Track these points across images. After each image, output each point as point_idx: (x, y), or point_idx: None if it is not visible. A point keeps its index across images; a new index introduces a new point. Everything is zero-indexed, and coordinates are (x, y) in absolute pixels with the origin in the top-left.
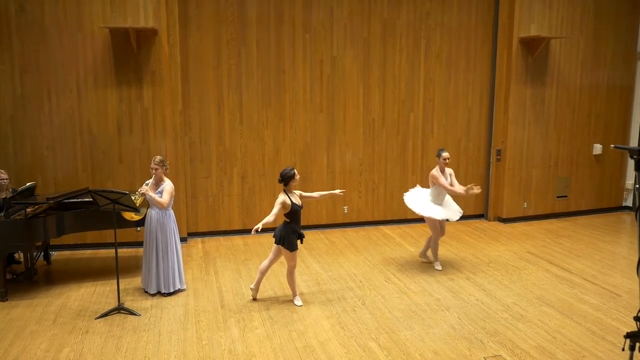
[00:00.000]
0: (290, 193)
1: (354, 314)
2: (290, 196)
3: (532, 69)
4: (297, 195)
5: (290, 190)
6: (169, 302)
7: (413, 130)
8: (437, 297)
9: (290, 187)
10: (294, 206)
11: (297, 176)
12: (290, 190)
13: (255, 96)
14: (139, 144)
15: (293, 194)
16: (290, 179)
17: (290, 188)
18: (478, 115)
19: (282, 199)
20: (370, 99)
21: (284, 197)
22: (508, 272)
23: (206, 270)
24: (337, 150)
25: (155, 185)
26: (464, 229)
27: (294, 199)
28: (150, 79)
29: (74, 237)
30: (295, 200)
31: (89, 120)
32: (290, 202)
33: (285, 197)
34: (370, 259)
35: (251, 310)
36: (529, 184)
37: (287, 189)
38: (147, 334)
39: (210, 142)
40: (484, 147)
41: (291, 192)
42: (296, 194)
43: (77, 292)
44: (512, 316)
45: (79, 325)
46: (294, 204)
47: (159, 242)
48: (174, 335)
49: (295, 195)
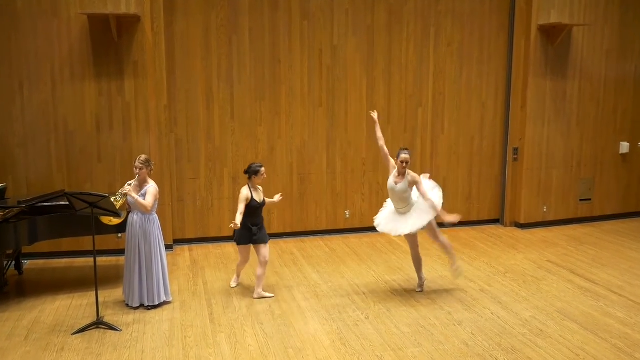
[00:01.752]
0: (253, 188)
1: (357, 329)
2: (253, 191)
3: (553, 59)
4: (261, 191)
5: (254, 186)
6: (152, 316)
7: (422, 127)
8: (448, 310)
9: (254, 183)
10: (252, 202)
11: (264, 175)
12: (254, 186)
13: (248, 89)
14: (119, 141)
15: (257, 190)
16: (255, 173)
17: (254, 183)
18: (493, 111)
19: (244, 194)
20: (375, 93)
21: (247, 192)
22: (526, 282)
23: (194, 281)
24: (338, 149)
25: (138, 187)
26: (478, 236)
27: (255, 195)
28: (132, 70)
29: (48, 244)
30: (256, 196)
31: (64, 116)
32: (250, 197)
33: (247, 192)
34: (374, 269)
35: (243, 325)
36: (549, 186)
37: (251, 183)
38: (128, 352)
39: (198, 140)
40: (500, 145)
41: (255, 187)
42: (260, 190)
43: (52, 305)
44: (530, 331)
45: (53, 341)
46: (253, 199)
47: (142, 250)
48: (158, 353)
49: (258, 192)
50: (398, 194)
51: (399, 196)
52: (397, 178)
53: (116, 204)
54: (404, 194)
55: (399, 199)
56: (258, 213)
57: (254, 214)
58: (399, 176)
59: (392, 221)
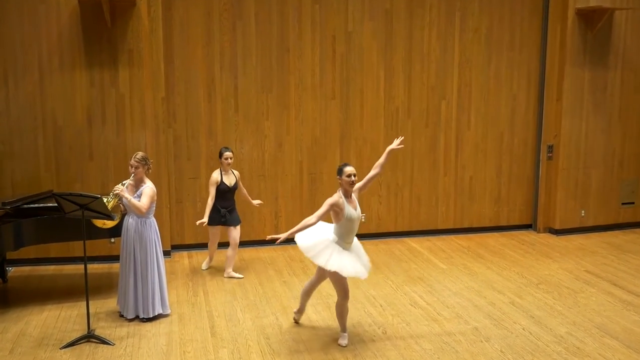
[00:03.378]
0: (224, 172)
1: (373, 346)
2: (223, 174)
3: (592, 47)
4: (236, 176)
5: (224, 169)
6: (148, 330)
7: (445, 122)
8: (475, 325)
9: (224, 166)
10: (221, 185)
11: (227, 160)
12: (224, 169)
13: (254, 80)
14: (113, 137)
15: (228, 173)
16: (219, 155)
17: (224, 167)
18: (525, 104)
19: (214, 177)
20: (393, 84)
21: (217, 176)
22: (561, 295)
23: (194, 291)
24: (353, 146)
25: (134, 187)
26: (508, 243)
27: (225, 178)
28: (126, 59)
29: (35, 249)
30: (226, 179)
31: (53, 109)
32: (219, 180)
33: (217, 176)
34: (392, 278)
35: (248, 340)
36: (587, 188)
37: (222, 167)
38: None
39: (199, 136)
40: (532, 142)
41: (226, 171)
42: (234, 174)
43: (39, 317)
44: (566, 349)
45: (40, 356)
46: (223, 182)
47: (138, 256)
48: None
49: (230, 175)
50: (357, 221)
51: (357, 225)
52: (351, 202)
53: (108, 205)
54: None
55: (356, 229)
56: (228, 196)
57: (223, 197)
58: (350, 198)
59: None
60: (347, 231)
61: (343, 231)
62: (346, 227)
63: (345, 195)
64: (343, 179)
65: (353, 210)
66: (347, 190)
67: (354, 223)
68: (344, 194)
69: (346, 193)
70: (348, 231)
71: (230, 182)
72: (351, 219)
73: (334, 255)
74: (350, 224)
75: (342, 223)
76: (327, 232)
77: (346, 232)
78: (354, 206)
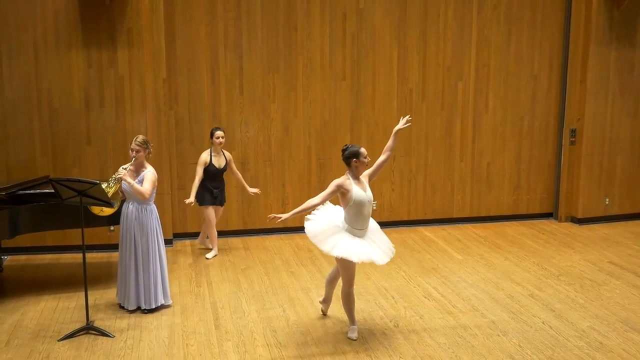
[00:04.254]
0: (214, 152)
1: (385, 339)
2: (213, 155)
3: (618, 24)
4: (226, 157)
5: (216, 150)
6: (150, 322)
7: (462, 105)
8: (492, 318)
9: (216, 147)
10: (210, 166)
11: (220, 138)
12: (216, 150)
13: (260, 60)
14: (111, 120)
15: (219, 154)
16: (210, 135)
17: (215, 147)
18: (547, 86)
19: (203, 158)
20: (407, 65)
21: (206, 156)
22: (584, 287)
23: (197, 282)
24: (364, 130)
25: (134, 172)
26: (527, 232)
27: (215, 160)
28: (126, 38)
29: (31, 237)
30: (215, 161)
31: (49, 91)
32: (208, 162)
33: (206, 156)
34: (405, 269)
35: (253, 332)
36: (612, 175)
37: (213, 147)
38: None
39: (202, 119)
40: (554, 126)
41: (217, 152)
42: (224, 156)
43: (36, 307)
44: (588, 344)
45: (38, 348)
46: (211, 164)
47: (138, 245)
48: None
49: (220, 157)
50: (369, 205)
51: (369, 209)
52: (360, 184)
53: (108, 191)
54: (371, 204)
55: (368, 213)
56: (217, 177)
57: (213, 178)
58: (359, 181)
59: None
60: (356, 216)
61: (352, 216)
62: (355, 211)
63: (354, 178)
64: (361, 160)
65: (362, 192)
66: (358, 172)
67: (363, 207)
68: (353, 176)
69: (355, 175)
70: (358, 216)
71: (220, 163)
72: (360, 203)
73: (342, 241)
74: (360, 208)
75: (351, 207)
76: (337, 218)
77: (355, 217)
78: (363, 188)
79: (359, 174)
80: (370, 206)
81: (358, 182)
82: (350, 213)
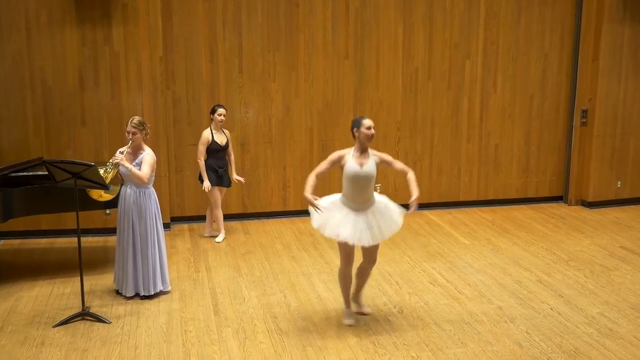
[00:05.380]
0: (216, 130)
1: (389, 326)
2: (215, 133)
3: (632, 1)
4: (227, 135)
5: (217, 128)
6: (147, 308)
7: (469, 84)
8: (499, 304)
9: (216, 124)
10: (213, 144)
11: (222, 116)
12: (217, 128)
13: (260, 38)
14: (107, 100)
15: (220, 132)
16: (212, 112)
17: (216, 124)
18: (557, 64)
19: (205, 136)
20: (412, 42)
21: (207, 134)
22: (594, 273)
23: (195, 267)
24: (368, 110)
25: (131, 155)
26: (536, 216)
27: (217, 137)
28: (121, 15)
29: (24, 221)
30: (218, 138)
31: (42, 70)
32: (210, 139)
33: (208, 134)
34: (410, 254)
35: (254, 319)
36: (624, 156)
37: (213, 124)
38: (119, 348)
39: (200, 99)
40: (565, 106)
41: (218, 129)
42: (225, 133)
43: (30, 293)
44: (597, 331)
45: (32, 334)
46: (214, 141)
47: (137, 229)
48: (154, 350)
49: (222, 134)
50: (364, 180)
51: (365, 185)
52: (359, 158)
53: (106, 176)
54: (371, 181)
55: (363, 188)
56: (220, 156)
57: (216, 157)
58: (362, 154)
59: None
60: (348, 189)
61: (346, 189)
62: (347, 184)
63: (358, 151)
64: (361, 131)
65: (357, 166)
66: (362, 144)
67: (356, 182)
68: (357, 149)
69: (360, 148)
70: (349, 190)
71: (222, 141)
72: (352, 177)
73: (325, 214)
74: (352, 182)
75: (344, 179)
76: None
77: (349, 191)
78: (361, 163)
79: (363, 147)
80: (366, 182)
81: (360, 156)
82: (345, 186)
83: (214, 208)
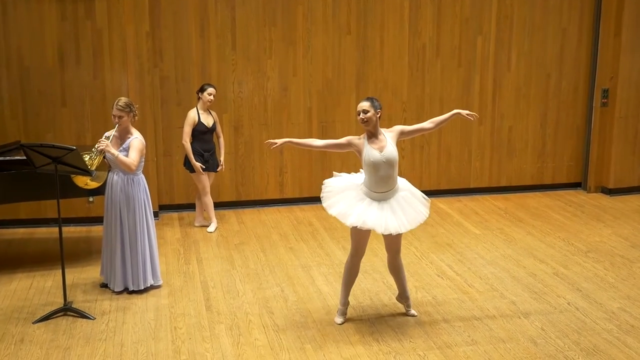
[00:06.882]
0: (203, 110)
1: (394, 322)
2: (201, 113)
3: None
4: (214, 117)
5: (204, 108)
6: (134, 302)
7: (481, 61)
8: (512, 299)
9: (204, 104)
10: (199, 125)
11: (212, 96)
12: (204, 108)
13: (254, 11)
14: (89, 79)
15: (207, 113)
16: (201, 90)
17: (203, 104)
18: (576, 40)
19: (191, 116)
20: (420, 16)
21: (194, 115)
22: (614, 265)
23: (186, 259)
24: (371, 90)
25: (118, 139)
26: (553, 204)
27: (204, 118)
28: None
29: (1, 210)
30: (204, 119)
31: (18, 47)
32: (197, 120)
33: (194, 115)
34: (416, 245)
35: (249, 314)
36: None
37: (201, 104)
38: (104, 345)
39: (189, 77)
40: (584, 85)
41: (204, 110)
42: (212, 115)
43: (8, 287)
44: (618, 327)
45: (11, 331)
46: (201, 122)
47: (125, 219)
48: (141, 347)
49: (208, 115)
50: (387, 166)
51: (388, 171)
52: (376, 142)
53: (91, 164)
54: (394, 166)
55: (387, 175)
56: (207, 138)
57: (202, 139)
58: (377, 138)
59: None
60: (370, 178)
61: (367, 178)
62: (369, 172)
63: (370, 136)
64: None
65: (376, 152)
66: (368, 131)
67: (378, 169)
68: (368, 134)
69: (368, 133)
70: (371, 178)
71: (209, 122)
72: (372, 164)
73: (344, 200)
74: (373, 169)
75: (364, 168)
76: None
77: (369, 179)
78: (380, 147)
79: (369, 132)
80: (388, 167)
81: (375, 140)
82: (366, 174)
83: (203, 195)
